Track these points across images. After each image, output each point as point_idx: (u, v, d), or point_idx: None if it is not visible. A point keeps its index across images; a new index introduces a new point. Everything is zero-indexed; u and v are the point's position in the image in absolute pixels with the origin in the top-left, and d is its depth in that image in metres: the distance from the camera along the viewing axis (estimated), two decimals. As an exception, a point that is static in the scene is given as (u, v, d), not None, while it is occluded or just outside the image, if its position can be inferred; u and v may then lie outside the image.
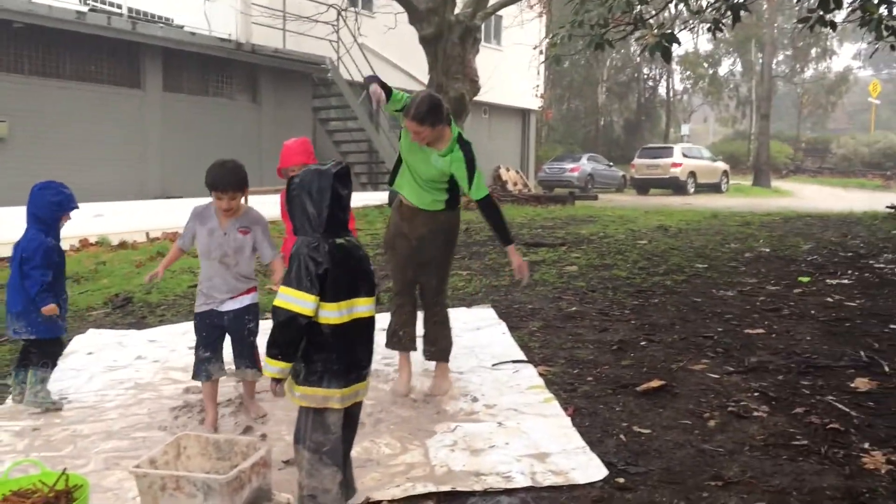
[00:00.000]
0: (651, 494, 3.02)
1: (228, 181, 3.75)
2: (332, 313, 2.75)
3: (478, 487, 3.11)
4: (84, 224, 9.67)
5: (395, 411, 4.01)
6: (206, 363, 3.85)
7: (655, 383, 4.16)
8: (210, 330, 3.87)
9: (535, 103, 29.25)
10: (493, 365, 4.66)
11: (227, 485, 2.82)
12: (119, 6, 14.80)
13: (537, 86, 25.63)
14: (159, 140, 15.62)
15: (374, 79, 4.21)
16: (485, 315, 5.76)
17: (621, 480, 3.13)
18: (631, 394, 4.10)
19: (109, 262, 8.71)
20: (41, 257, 4.06)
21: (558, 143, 45.03)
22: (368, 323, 2.87)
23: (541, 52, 22.32)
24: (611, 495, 3.03)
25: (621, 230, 10.03)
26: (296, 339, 2.73)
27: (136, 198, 14.41)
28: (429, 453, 3.47)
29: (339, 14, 18.17)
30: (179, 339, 5.43)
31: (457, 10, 16.65)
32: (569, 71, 45.86)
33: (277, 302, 2.71)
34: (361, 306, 2.83)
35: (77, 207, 4.23)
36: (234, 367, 3.97)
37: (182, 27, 15.80)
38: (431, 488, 3.11)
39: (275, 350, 2.73)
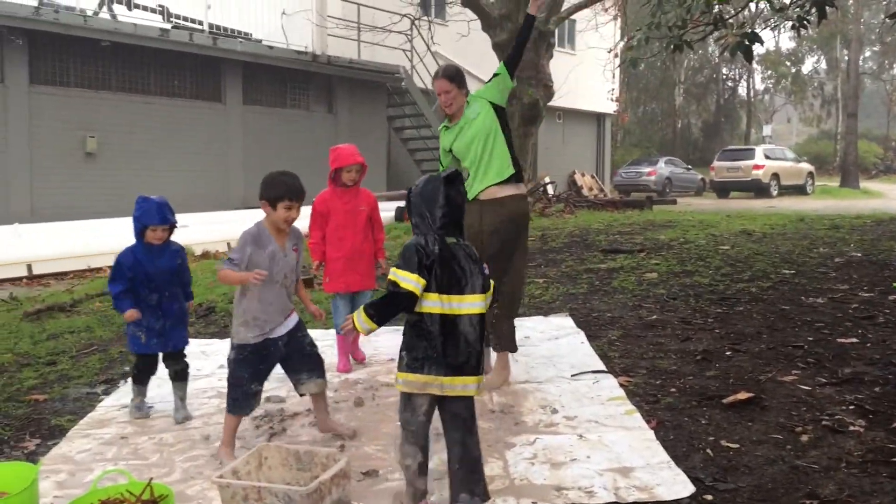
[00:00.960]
0: (741, 513, 2.90)
1: (301, 189, 3.66)
2: (435, 304, 2.96)
3: (560, 502, 3.04)
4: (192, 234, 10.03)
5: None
6: (254, 397, 3.69)
7: (743, 395, 4.01)
8: (267, 362, 3.71)
9: (610, 107, 28.87)
10: (573, 375, 4.57)
11: (307, 497, 2.82)
12: (200, 22, 15.24)
13: (612, 89, 25.26)
14: (240, 152, 16.01)
15: None
16: (563, 324, 5.67)
17: (709, 497, 3.01)
18: (717, 406, 3.96)
19: (193, 272, 8.90)
20: (114, 269, 4.17)
21: (634, 146, 44.42)
22: (472, 319, 2.99)
23: (616, 56, 22.04)
24: (698, 513, 2.92)
25: (702, 235, 9.76)
26: (392, 308, 2.99)
27: (218, 208, 14.77)
28: (508, 466, 3.42)
29: (412, 23, 18.29)
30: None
31: (531, 16, 16.54)
32: (645, 73, 45.20)
33: (389, 276, 2.97)
34: (465, 303, 2.99)
35: (157, 222, 4.10)
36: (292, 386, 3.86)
37: (260, 41, 16.17)
38: (512, 502, 3.05)
39: (372, 311, 2.99)
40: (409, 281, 2.92)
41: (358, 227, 4.99)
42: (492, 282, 3.14)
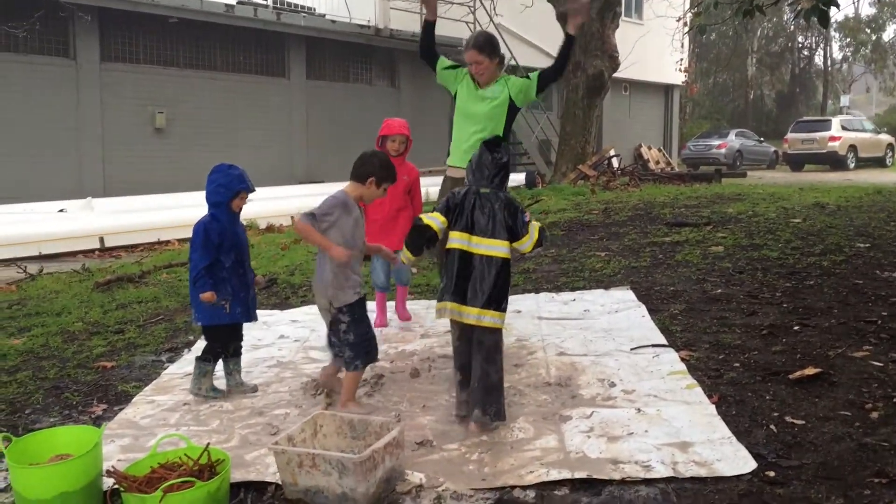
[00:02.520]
0: (805, 490, 2.80)
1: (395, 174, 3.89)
2: (455, 241, 3.52)
3: (615, 476, 2.98)
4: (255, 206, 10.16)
5: (530, 395, 3.92)
6: (376, 345, 3.88)
7: (810, 371, 3.87)
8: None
9: (678, 78, 28.17)
10: (632, 349, 4.48)
11: (360, 464, 2.83)
12: (264, -3, 15.38)
13: (681, 59, 24.60)
14: (303, 126, 16.15)
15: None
16: (623, 297, 5.56)
17: (772, 474, 2.92)
18: (783, 382, 3.83)
19: (257, 245, 9.06)
20: (199, 239, 3.98)
21: (704, 119, 43.34)
22: (485, 259, 3.48)
23: (685, 24, 21.43)
24: (760, 489, 2.82)
25: (772, 208, 9.44)
26: (416, 237, 3.60)
27: (282, 182, 14.96)
28: (564, 439, 3.37)
29: (475, -5, 18.12)
30: (320, 319, 5.55)
31: (596, -14, 16.19)
32: (716, 43, 43.96)
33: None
34: (483, 245, 3.49)
35: (247, 188, 4.05)
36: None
37: (323, 16, 16.23)
38: (566, 475, 3.00)
39: (406, 241, 3.64)
40: (432, 218, 3.55)
41: (396, 195, 5.14)
42: (538, 228, 3.58)
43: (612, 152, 21.96)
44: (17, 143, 12.71)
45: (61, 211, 11.19)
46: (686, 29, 9.53)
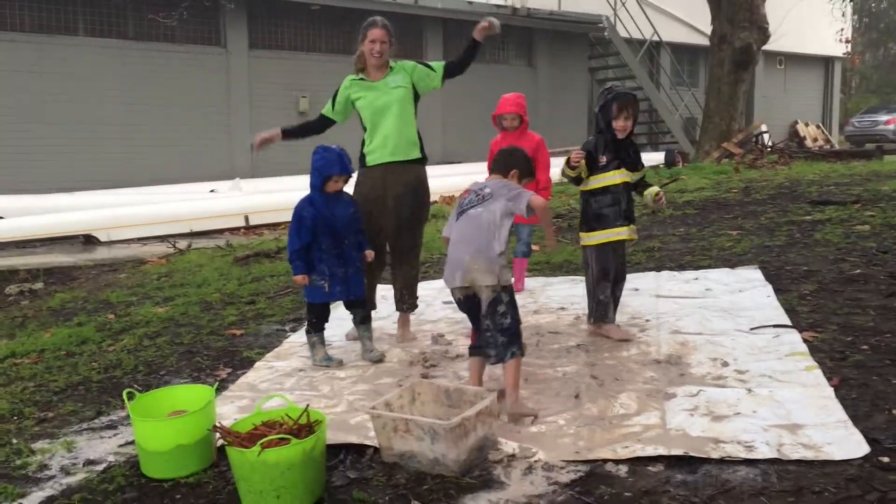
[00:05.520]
0: (921, 478, 2.60)
1: None
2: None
3: (714, 454, 2.88)
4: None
5: (638, 371, 3.84)
6: None
7: (946, 355, 3.58)
8: None
9: (839, 49, 26.41)
10: (752, 329, 4.28)
11: (451, 430, 2.88)
12: (404, -18, 15.64)
13: (841, 30, 23.02)
14: (439, 107, 16.34)
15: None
16: (750, 276, 5.32)
17: (885, 459, 2.74)
18: (915, 366, 3.56)
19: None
20: (294, 221, 4.16)
21: (872, 93, 40.41)
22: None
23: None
24: (871, 475, 2.66)
25: (934, 185, 8.74)
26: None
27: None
28: (666, 416, 3.28)
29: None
30: (436, 294, 5.65)
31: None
32: (887, 11, 40.79)
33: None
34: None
35: (339, 173, 4.14)
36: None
37: (461, -4, 16.34)
38: (662, 451, 2.93)
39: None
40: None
41: None
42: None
43: (763, 128, 20.96)
44: (174, 127, 13.62)
45: (212, 191, 11.90)
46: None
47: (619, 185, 4.31)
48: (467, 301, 3.55)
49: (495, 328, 3.44)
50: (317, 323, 4.38)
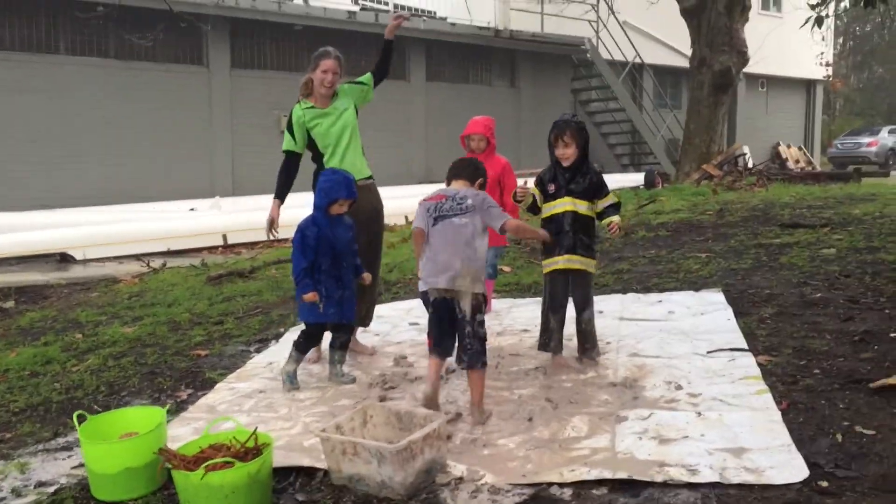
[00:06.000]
0: (857, 502, 2.64)
1: None
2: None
3: (658, 478, 2.92)
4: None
5: (593, 394, 3.88)
6: None
7: (894, 380, 3.62)
8: None
9: (820, 73, 26.71)
10: (708, 352, 4.33)
11: (397, 454, 2.90)
12: (386, 3, 15.75)
13: (821, 53, 23.29)
14: (422, 127, 16.45)
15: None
16: (712, 299, 5.37)
17: (824, 484, 2.78)
18: (863, 390, 3.61)
19: (365, 242, 9.29)
20: (297, 242, 4.20)
21: (856, 115, 40.82)
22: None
23: (826, 16, 20.31)
24: (808, 499, 2.70)
25: (905, 209, 8.84)
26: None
27: (400, 183, 15.28)
28: (615, 439, 3.32)
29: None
30: (403, 315, 5.68)
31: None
32: (870, 36, 41.30)
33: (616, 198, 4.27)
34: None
35: (345, 196, 4.23)
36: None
37: (445, 19, 16.46)
38: (606, 474, 2.96)
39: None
40: None
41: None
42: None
43: (745, 150, 21.09)
44: (156, 146, 13.63)
45: (192, 210, 11.91)
46: (803, 23, 9.02)
47: (561, 213, 4.21)
48: (443, 304, 3.66)
49: (473, 335, 3.61)
50: (305, 343, 4.32)
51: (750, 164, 19.74)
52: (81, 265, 9.34)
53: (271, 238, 4.98)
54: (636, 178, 16.28)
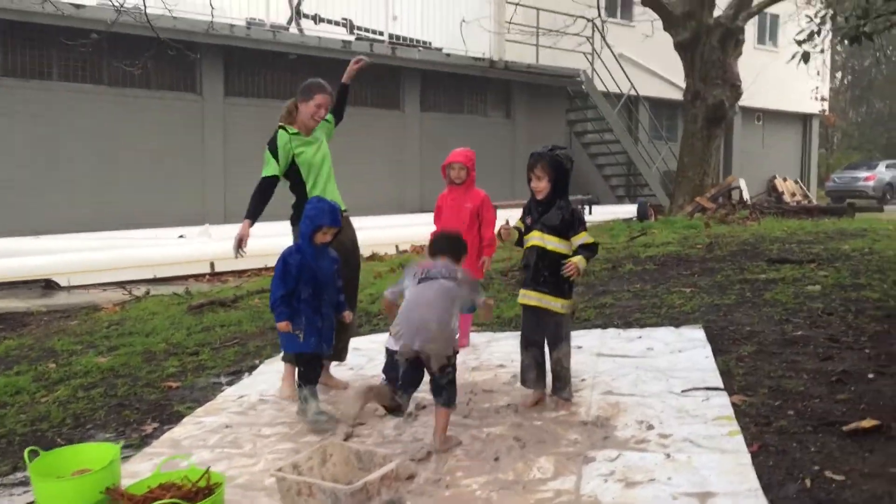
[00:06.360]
0: (821, 553, 2.57)
1: None
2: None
3: (620, 524, 2.84)
4: (365, 234, 10.45)
5: (563, 433, 3.80)
6: None
7: (868, 423, 3.55)
8: None
9: (816, 107, 26.83)
10: (683, 391, 4.25)
11: (352, 495, 2.84)
12: (381, 33, 15.83)
13: (816, 88, 23.39)
14: (417, 157, 16.47)
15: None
16: (692, 336, 5.31)
17: (788, 533, 2.70)
18: (835, 433, 3.53)
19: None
20: (279, 268, 4.11)
21: (855, 149, 41.02)
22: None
23: (822, 51, 20.41)
24: (771, 548, 2.62)
25: (894, 246, 8.79)
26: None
27: (395, 212, 15.27)
28: (581, 481, 3.24)
29: (592, 25, 17.94)
30: (380, 348, 5.59)
31: (718, 13, 15.73)
32: (868, 69, 41.56)
33: (590, 239, 4.11)
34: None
35: (329, 224, 4.17)
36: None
37: (440, 49, 16.55)
38: (568, 520, 2.89)
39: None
40: None
41: (459, 221, 5.31)
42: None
43: (740, 183, 21.09)
44: (148, 172, 13.62)
45: (181, 237, 11.87)
46: (789, 58, 9.04)
47: (529, 248, 4.15)
48: (413, 362, 3.65)
49: (446, 384, 3.67)
50: (306, 373, 4.17)
51: (746, 197, 19.78)
52: (66, 292, 9.28)
53: (238, 257, 4.86)
54: (631, 210, 16.27)
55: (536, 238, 4.13)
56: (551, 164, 4.09)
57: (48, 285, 9.44)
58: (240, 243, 4.76)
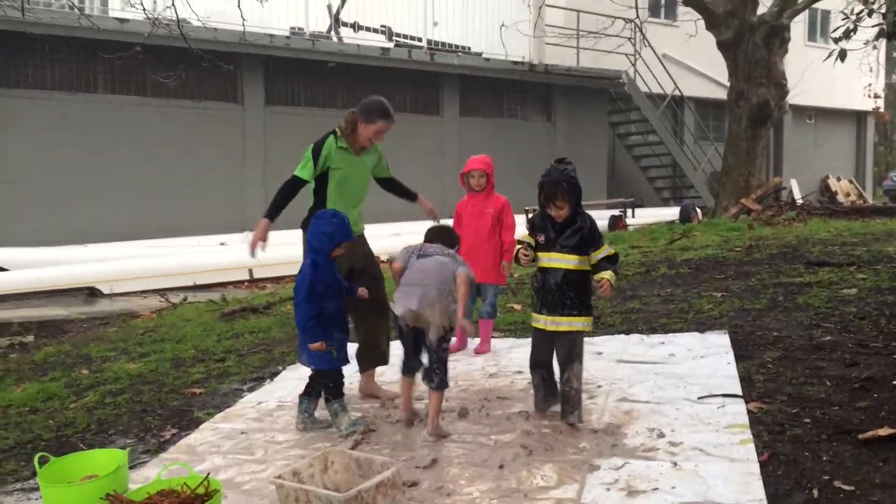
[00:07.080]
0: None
1: None
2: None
3: (617, 534, 2.80)
4: (381, 242, 10.48)
5: (572, 441, 3.76)
6: None
7: (885, 431, 3.44)
8: None
9: (871, 104, 26.08)
10: (699, 398, 4.18)
11: (345, 502, 2.84)
12: (419, 39, 15.90)
13: (869, 85, 22.74)
14: (456, 162, 16.45)
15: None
16: (716, 342, 5.20)
17: (788, 545, 2.63)
18: (850, 442, 3.43)
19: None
20: (305, 290, 4.00)
21: (918, 148, 39.77)
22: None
23: (874, 48, 19.84)
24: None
25: (942, 246, 8.50)
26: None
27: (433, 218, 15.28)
28: (583, 490, 3.21)
29: (634, 26, 17.74)
30: (399, 353, 5.61)
31: (762, 10, 15.45)
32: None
33: (612, 250, 3.94)
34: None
35: (348, 240, 4.15)
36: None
37: (480, 54, 16.55)
38: (565, 529, 2.86)
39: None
40: None
41: (481, 227, 5.46)
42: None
43: (793, 183, 20.66)
44: (190, 181, 13.91)
45: (222, 244, 12.07)
46: (825, 57, 8.82)
47: (549, 269, 3.92)
48: (412, 331, 4.01)
49: (438, 361, 3.95)
50: (334, 388, 4.13)
51: (798, 198, 19.32)
52: (108, 300, 9.51)
53: (255, 255, 4.65)
54: (675, 213, 16.06)
55: (557, 260, 3.90)
56: (570, 192, 3.87)
57: (91, 293, 9.69)
58: (255, 246, 4.58)
